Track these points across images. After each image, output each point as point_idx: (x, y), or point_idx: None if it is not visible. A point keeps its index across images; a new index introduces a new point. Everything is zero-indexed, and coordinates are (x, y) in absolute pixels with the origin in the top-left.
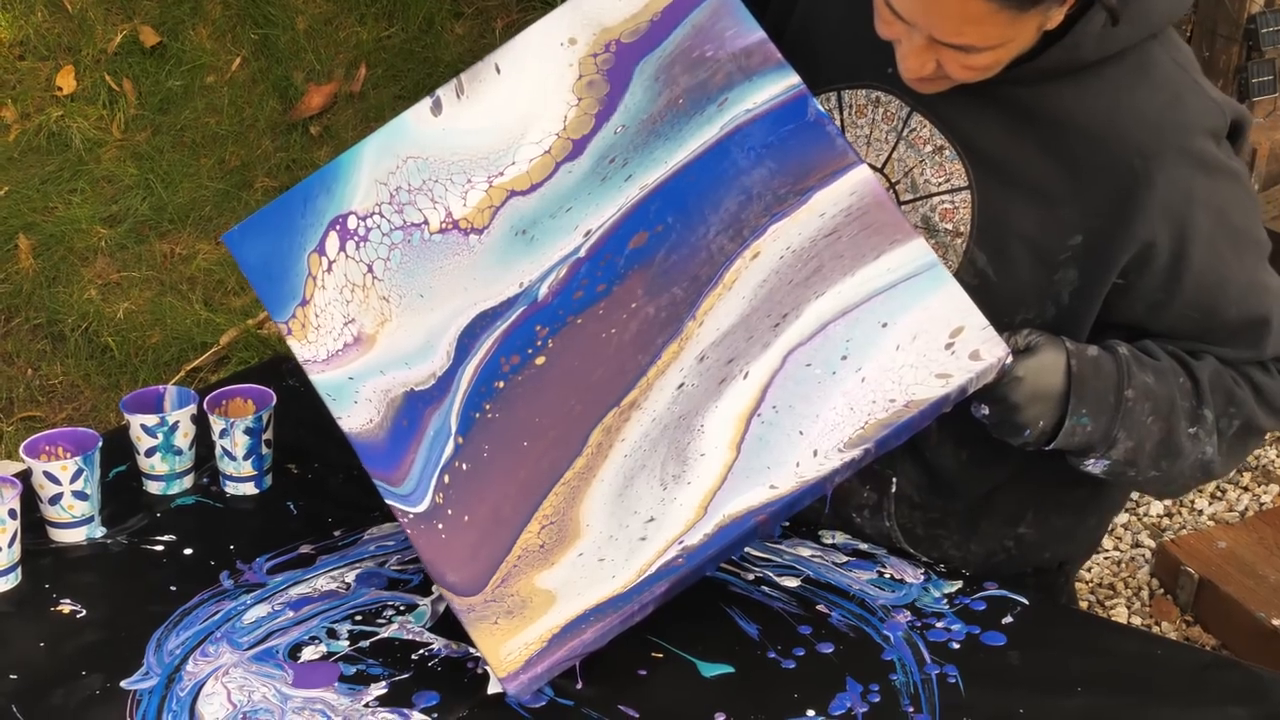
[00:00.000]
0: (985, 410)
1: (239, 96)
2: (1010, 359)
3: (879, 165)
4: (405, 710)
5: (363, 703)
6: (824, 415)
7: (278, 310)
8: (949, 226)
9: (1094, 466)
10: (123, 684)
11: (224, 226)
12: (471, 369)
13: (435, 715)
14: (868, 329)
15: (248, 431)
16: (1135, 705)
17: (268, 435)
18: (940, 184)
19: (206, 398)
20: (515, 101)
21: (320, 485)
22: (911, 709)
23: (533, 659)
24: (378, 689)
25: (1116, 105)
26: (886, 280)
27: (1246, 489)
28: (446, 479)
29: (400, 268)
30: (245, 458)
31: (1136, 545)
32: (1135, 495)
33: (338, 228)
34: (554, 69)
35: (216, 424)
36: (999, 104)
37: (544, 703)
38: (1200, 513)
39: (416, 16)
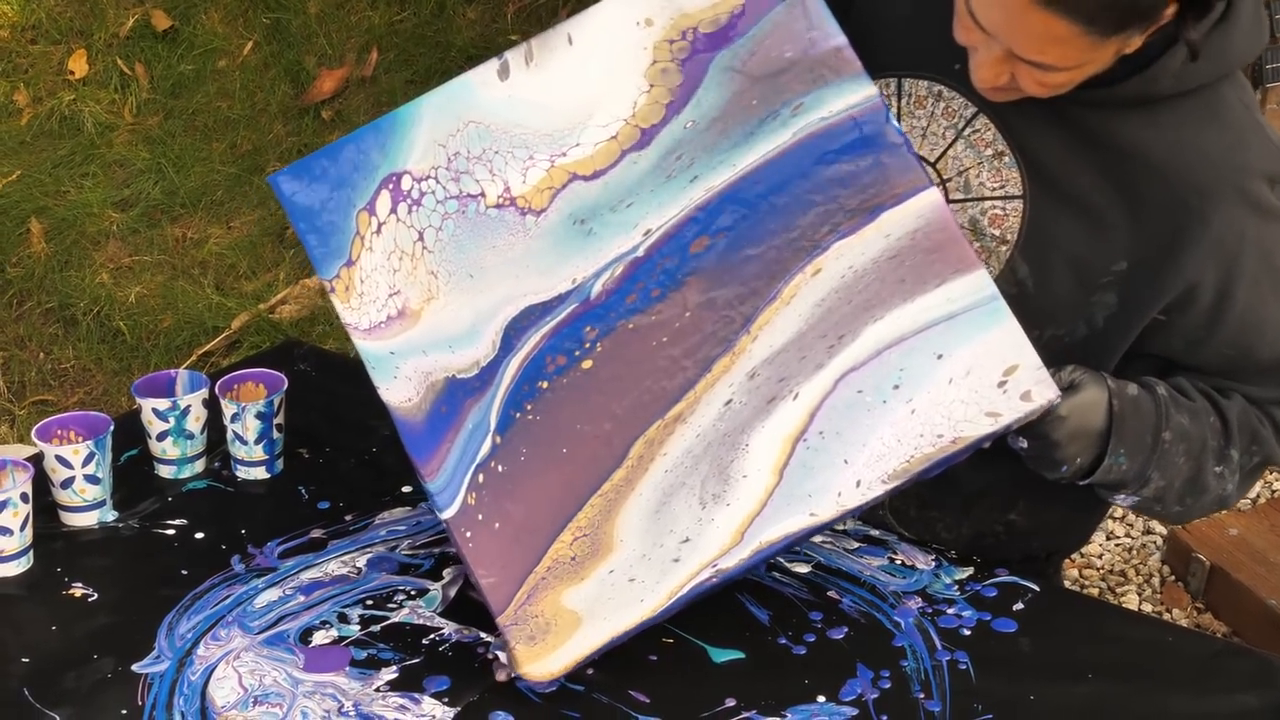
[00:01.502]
0: (1024, 444)
1: (250, 81)
2: (1059, 399)
3: (932, 160)
4: (416, 695)
5: (374, 687)
6: (870, 445)
7: (323, 267)
8: (996, 233)
9: (1124, 501)
10: (134, 667)
11: (235, 211)
12: (516, 364)
13: (446, 700)
14: (923, 360)
15: (259, 416)
16: (1146, 692)
17: (279, 420)
18: (995, 189)
19: (218, 382)
20: (585, 78)
21: (332, 470)
22: (922, 695)
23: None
24: (388, 673)
25: (1181, 141)
26: (945, 310)
27: None
28: (481, 478)
29: (452, 240)
30: (256, 442)
31: (1148, 532)
32: None
33: (390, 186)
34: (627, 50)
35: (228, 408)
36: (1067, 122)
37: (555, 687)
38: None
39: (428, 1)
